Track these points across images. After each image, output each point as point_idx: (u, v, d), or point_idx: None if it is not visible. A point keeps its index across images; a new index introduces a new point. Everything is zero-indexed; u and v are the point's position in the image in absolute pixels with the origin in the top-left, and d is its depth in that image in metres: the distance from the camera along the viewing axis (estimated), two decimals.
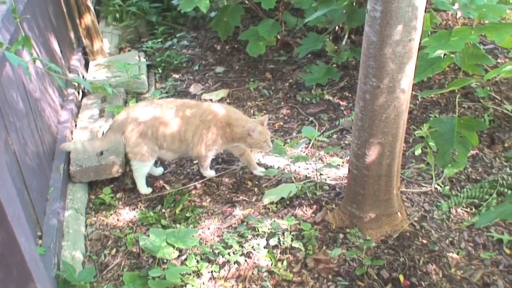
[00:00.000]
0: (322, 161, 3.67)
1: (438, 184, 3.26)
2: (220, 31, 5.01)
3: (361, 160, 2.74)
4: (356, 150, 2.76)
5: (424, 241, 2.86)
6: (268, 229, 2.95)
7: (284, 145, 3.06)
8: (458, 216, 3.04)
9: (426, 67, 3.31)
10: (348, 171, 2.91)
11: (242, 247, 2.88)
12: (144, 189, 3.54)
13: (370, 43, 2.45)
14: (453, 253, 2.79)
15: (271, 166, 3.62)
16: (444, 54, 3.29)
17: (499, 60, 4.47)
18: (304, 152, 3.76)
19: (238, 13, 4.88)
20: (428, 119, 3.91)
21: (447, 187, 3.24)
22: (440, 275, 2.66)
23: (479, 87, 3.81)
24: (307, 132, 3.07)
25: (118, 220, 3.32)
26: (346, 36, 4.74)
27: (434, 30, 3.42)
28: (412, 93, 2.69)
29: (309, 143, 3.68)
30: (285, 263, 2.79)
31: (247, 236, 2.95)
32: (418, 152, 3.09)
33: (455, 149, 3.04)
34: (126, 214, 3.36)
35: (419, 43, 2.47)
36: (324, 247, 2.86)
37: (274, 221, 3.01)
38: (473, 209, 3.08)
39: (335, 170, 3.52)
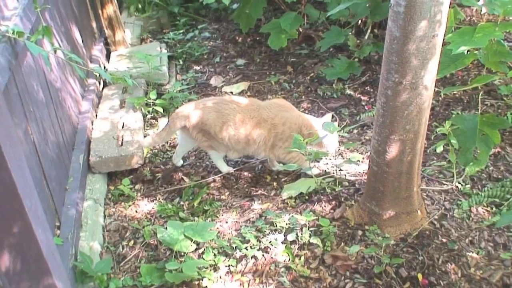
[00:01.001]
0: (342, 156, 3.64)
1: (459, 183, 3.22)
2: (242, 23, 4.99)
3: (382, 156, 2.71)
4: (377, 147, 2.73)
5: (444, 240, 2.82)
6: (286, 224, 2.94)
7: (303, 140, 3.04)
8: (478, 215, 2.99)
9: (449, 63, 3.25)
10: (368, 168, 2.88)
11: (260, 241, 2.88)
12: (224, 168, 3.59)
13: (393, 38, 2.41)
14: (472, 252, 2.75)
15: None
16: (468, 51, 3.24)
17: None
18: None
19: (260, 5, 4.84)
20: (450, 116, 3.86)
21: (468, 186, 3.20)
22: (459, 275, 2.63)
23: (502, 85, 3.74)
24: (327, 127, 3.04)
25: (136, 211, 3.33)
26: (368, 30, 4.70)
27: (458, 26, 3.36)
28: (434, 89, 2.65)
29: None
30: (302, 259, 2.77)
31: (265, 231, 2.94)
32: (439, 149, 3.04)
33: (476, 147, 2.99)
34: (145, 206, 3.37)
35: (443, 39, 2.43)
36: (342, 244, 2.84)
37: (292, 216, 3.00)
38: (494, 209, 3.03)
39: (355, 166, 3.49)
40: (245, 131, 3.27)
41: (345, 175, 3.40)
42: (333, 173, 3.42)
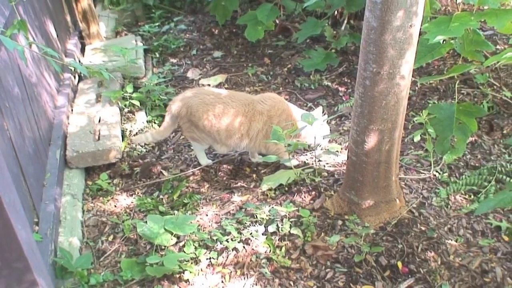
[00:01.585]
0: (320, 147, 3.66)
1: (437, 171, 3.25)
2: (218, 15, 4.97)
3: (360, 146, 2.72)
4: (356, 137, 2.74)
5: (423, 228, 2.85)
6: (267, 215, 2.94)
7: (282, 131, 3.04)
8: (456, 203, 3.03)
9: (425, 53, 3.28)
10: (347, 158, 2.89)
11: (241, 233, 2.87)
12: (203, 161, 3.59)
13: (371, 28, 2.42)
14: (451, 240, 2.79)
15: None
16: (444, 40, 3.27)
17: (498, 47, 4.45)
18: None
19: None
20: (427, 105, 3.89)
21: (446, 174, 3.24)
22: (439, 262, 2.66)
23: (478, 73, 3.78)
24: (306, 118, 3.04)
25: (115, 206, 3.31)
26: (345, 21, 4.71)
27: (434, 16, 3.39)
28: (411, 79, 2.67)
29: None
30: (283, 249, 2.78)
31: (245, 223, 2.94)
32: (417, 139, 3.06)
33: (454, 136, 3.02)
34: (124, 200, 3.34)
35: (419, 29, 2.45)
36: (322, 234, 2.85)
37: (273, 207, 3.00)
38: (472, 196, 3.07)
39: (333, 156, 3.50)
40: (239, 125, 3.27)
41: (324, 166, 3.41)
42: (312, 164, 3.43)
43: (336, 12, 4.86)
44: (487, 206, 2.19)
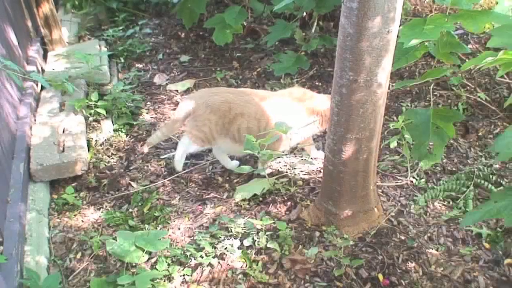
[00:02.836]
0: (295, 155, 3.56)
1: (414, 177, 3.20)
2: (185, 19, 4.83)
3: (337, 156, 2.64)
4: (332, 146, 2.65)
5: (402, 237, 2.79)
6: (242, 228, 2.83)
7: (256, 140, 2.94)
8: (435, 210, 2.98)
9: (400, 57, 3.22)
10: (324, 167, 2.81)
11: (215, 248, 2.76)
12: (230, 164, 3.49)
13: (347, 35, 2.33)
14: (432, 249, 2.73)
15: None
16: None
17: (470, 46, 4.43)
18: None
19: (203, 0, 4.70)
20: (401, 108, 3.84)
21: (423, 180, 3.18)
22: (420, 273, 2.60)
23: (453, 76, 3.75)
24: (279, 127, 2.94)
25: (82, 221, 3.15)
26: (315, 24, 4.63)
27: (405, 18, 3.33)
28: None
29: None
30: (260, 264, 2.68)
31: (219, 237, 2.83)
32: (393, 145, 3.01)
33: (430, 141, 2.97)
34: (91, 215, 3.20)
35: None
36: (300, 247, 2.76)
37: (248, 220, 2.90)
38: (451, 202, 3.03)
39: (308, 164, 3.41)
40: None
41: (299, 174, 3.32)
42: (287, 172, 3.34)
43: (305, 14, 4.77)
44: (472, 219, 2.13)
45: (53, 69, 4.54)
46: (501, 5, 3.54)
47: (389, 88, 3.94)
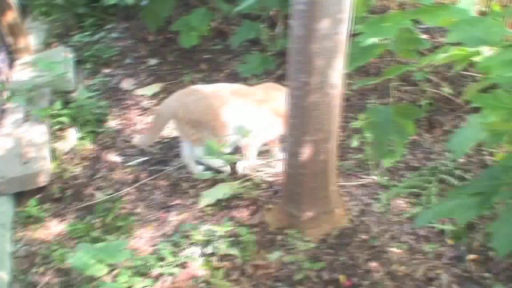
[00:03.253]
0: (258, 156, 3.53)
1: (377, 175, 3.18)
2: (150, 22, 4.78)
3: (296, 158, 2.62)
4: (290, 149, 2.64)
5: (364, 237, 2.77)
6: (203, 236, 2.80)
7: (220, 144, 2.92)
8: (398, 208, 2.96)
9: (360, 55, 3.17)
10: (284, 170, 2.78)
11: (177, 257, 2.73)
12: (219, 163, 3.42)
13: (297, 37, 2.32)
14: (394, 247, 2.71)
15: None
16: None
17: (435, 40, 4.42)
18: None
19: (168, 2, 4.64)
20: (366, 105, 3.82)
21: (386, 178, 3.16)
22: (382, 273, 2.58)
23: (418, 71, 3.74)
24: (240, 131, 2.91)
25: (46, 234, 3.11)
26: (279, 23, 4.59)
27: (370, 15, 3.31)
28: (350, 81, 2.59)
29: None
30: (222, 271, 2.65)
31: (181, 245, 2.79)
32: (355, 144, 2.99)
33: (391, 139, 2.95)
34: (55, 227, 3.15)
35: (351, 34, 2.37)
36: (262, 251, 2.74)
37: (209, 227, 2.86)
38: (413, 199, 3.01)
39: (272, 167, 3.39)
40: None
41: (263, 177, 3.29)
42: (252, 175, 3.31)
43: (272, 14, 4.74)
44: (426, 218, 2.12)
45: (18, 79, 4.47)
46: (465, 0, 3.54)
47: (350, 86, 3.93)
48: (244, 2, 3.76)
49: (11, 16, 4.82)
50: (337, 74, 2.38)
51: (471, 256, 2.65)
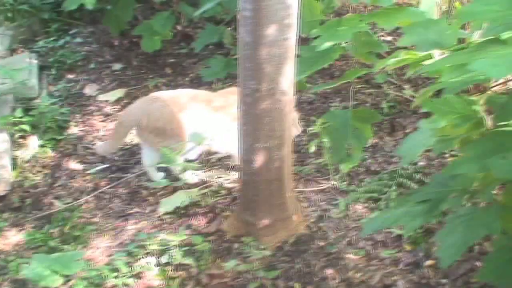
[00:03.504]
0: (220, 163, 3.50)
1: (336, 180, 3.16)
2: (112, 26, 4.73)
3: (250, 165, 2.59)
4: (244, 156, 2.61)
5: (321, 244, 2.75)
6: (158, 245, 2.76)
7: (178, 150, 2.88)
8: (356, 213, 2.94)
9: (317, 59, 3.16)
10: (240, 178, 2.76)
11: (132, 267, 2.68)
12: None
13: (245, 44, 2.29)
14: (351, 254, 2.69)
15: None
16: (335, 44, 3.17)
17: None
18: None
19: (130, 6, 4.59)
20: (329, 109, 3.80)
21: (345, 183, 3.15)
22: (338, 280, 2.55)
23: (378, 73, 3.73)
24: (195, 138, 2.88)
25: (4, 244, 3.05)
26: None
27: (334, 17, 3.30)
28: (311, 85, 2.56)
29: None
30: (177, 281, 2.61)
31: (137, 255, 2.75)
32: (312, 149, 2.97)
33: (349, 144, 2.94)
34: (13, 237, 3.08)
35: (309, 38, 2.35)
36: (218, 260, 2.70)
37: (164, 236, 2.82)
38: (372, 204, 2.99)
39: (232, 173, 3.35)
40: None
41: (222, 184, 3.25)
42: (212, 181, 3.27)
43: (235, 16, 4.70)
44: (371, 227, 2.10)
45: None
46: (427, 0, 3.54)
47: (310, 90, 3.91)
48: (204, 6, 3.72)
49: None
50: (287, 81, 2.35)
51: (429, 262, 2.62)
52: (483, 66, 1.45)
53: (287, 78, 2.35)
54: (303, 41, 3.04)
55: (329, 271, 2.59)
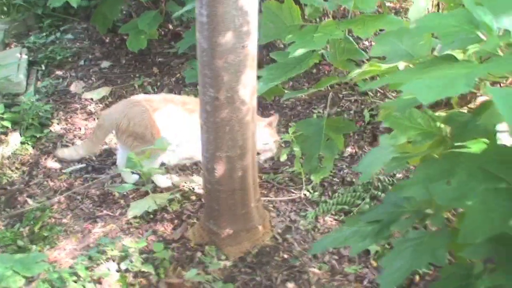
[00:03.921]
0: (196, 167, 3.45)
1: (308, 190, 3.09)
2: (99, 24, 4.67)
3: (212, 174, 2.53)
4: (206, 164, 2.55)
5: (286, 256, 2.68)
6: (119, 251, 2.71)
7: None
8: (325, 225, 2.87)
9: (294, 65, 3.07)
10: (203, 186, 2.70)
11: (92, 271, 2.64)
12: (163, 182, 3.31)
13: (203, 50, 2.23)
14: (315, 268, 2.63)
15: None
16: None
17: None
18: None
19: (117, 5, 4.54)
20: (312, 115, 3.73)
21: (317, 193, 3.07)
22: None
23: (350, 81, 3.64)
24: (159, 144, 2.82)
25: None
26: None
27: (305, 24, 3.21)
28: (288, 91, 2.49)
29: None
30: None
31: (98, 260, 2.71)
32: (283, 158, 2.90)
33: (321, 154, 2.86)
34: None
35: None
36: (179, 268, 2.65)
37: (126, 242, 2.77)
38: (343, 216, 2.92)
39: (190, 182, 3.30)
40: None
41: (194, 188, 3.20)
42: (183, 186, 3.22)
43: None
44: (320, 246, 2.01)
45: None
46: (417, 5, 3.43)
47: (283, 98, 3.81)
48: (187, 5, 3.66)
49: None
50: (247, 90, 2.29)
51: None
52: (416, 88, 1.37)
53: (247, 87, 2.28)
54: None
55: (290, 285, 2.53)
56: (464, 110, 2.30)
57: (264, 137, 3.13)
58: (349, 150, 3.41)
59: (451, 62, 1.64)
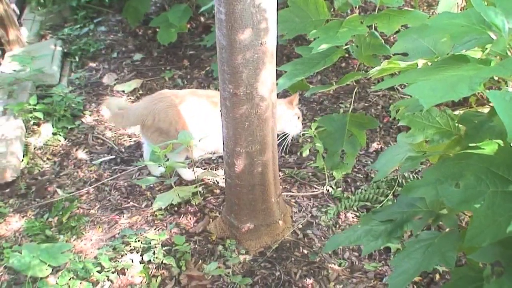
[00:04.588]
0: (221, 161, 3.47)
1: (331, 186, 3.08)
2: (130, 18, 4.73)
3: (232, 169, 2.56)
4: (227, 159, 2.57)
5: (305, 252, 2.69)
6: (142, 243, 2.77)
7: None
8: (346, 222, 2.86)
9: (319, 60, 3.06)
10: (225, 180, 2.72)
11: (116, 262, 2.71)
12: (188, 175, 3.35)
13: (222, 47, 2.24)
14: (334, 264, 2.63)
15: None
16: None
17: None
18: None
19: None
20: (339, 110, 3.71)
21: (340, 189, 3.06)
22: None
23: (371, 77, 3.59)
24: (183, 138, 2.85)
25: (6, 229, 3.13)
26: None
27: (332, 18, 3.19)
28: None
29: None
30: (159, 279, 2.62)
31: (121, 251, 2.77)
32: (306, 153, 2.89)
33: (343, 150, 2.85)
34: (15, 223, 3.16)
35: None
36: (200, 261, 2.69)
37: (150, 235, 2.82)
38: (365, 213, 2.90)
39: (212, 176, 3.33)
40: None
41: (218, 182, 3.23)
42: (209, 180, 3.25)
43: None
44: (333, 244, 2.01)
45: (2, 72, 4.50)
46: (445, 0, 3.37)
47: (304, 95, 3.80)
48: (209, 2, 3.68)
49: (1, 8, 4.84)
50: (266, 86, 2.29)
51: (415, 278, 2.53)
52: (419, 90, 1.35)
53: (266, 83, 2.29)
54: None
55: (309, 281, 2.54)
56: (486, 109, 2.25)
57: (284, 115, 3.16)
58: (374, 145, 3.38)
59: (461, 63, 1.61)
